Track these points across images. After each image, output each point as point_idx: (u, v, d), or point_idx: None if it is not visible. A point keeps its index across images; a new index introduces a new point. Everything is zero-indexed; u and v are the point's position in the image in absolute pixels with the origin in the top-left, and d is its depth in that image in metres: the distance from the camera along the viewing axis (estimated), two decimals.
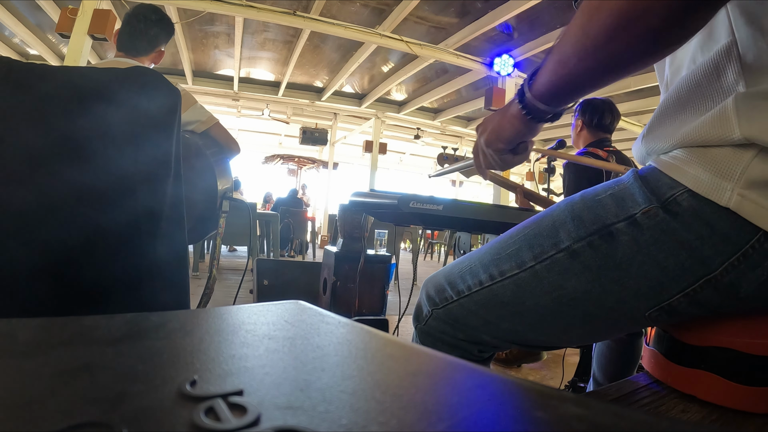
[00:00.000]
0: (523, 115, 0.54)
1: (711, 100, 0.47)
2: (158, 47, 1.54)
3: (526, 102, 0.53)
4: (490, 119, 0.62)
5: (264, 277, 2.23)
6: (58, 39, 5.89)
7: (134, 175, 0.68)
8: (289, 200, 7.01)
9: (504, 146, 0.60)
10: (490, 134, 0.61)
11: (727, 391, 0.48)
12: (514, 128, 0.57)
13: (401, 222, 1.11)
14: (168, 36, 1.56)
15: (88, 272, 0.68)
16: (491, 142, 0.61)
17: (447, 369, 0.25)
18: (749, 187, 0.42)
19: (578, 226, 0.52)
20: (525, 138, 0.59)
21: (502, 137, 0.59)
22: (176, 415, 0.17)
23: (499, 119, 0.59)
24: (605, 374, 1.18)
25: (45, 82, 0.68)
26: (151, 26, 1.49)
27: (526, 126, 0.56)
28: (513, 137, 0.58)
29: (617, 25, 0.40)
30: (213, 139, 1.40)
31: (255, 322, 0.31)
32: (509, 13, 4.67)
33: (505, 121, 0.58)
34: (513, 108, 0.56)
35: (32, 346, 0.25)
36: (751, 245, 0.43)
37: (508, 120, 0.57)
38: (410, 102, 8.32)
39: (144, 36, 1.49)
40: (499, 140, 0.60)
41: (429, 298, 0.66)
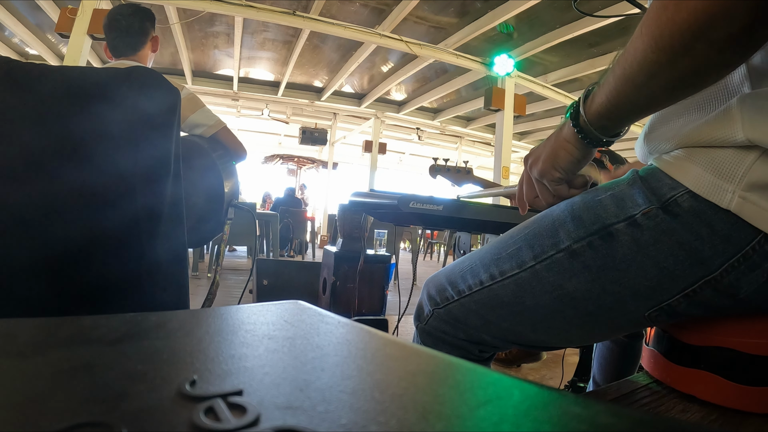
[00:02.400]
0: (578, 139, 0.50)
1: (715, 101, 0.47)
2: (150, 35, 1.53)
3: (581, 125, 0.49)
4: (541, 147, 0.57)
5: (264, 277, 2.23)
6: (57, 39, 5.89)
7: (134, 175, 0.68)
8: (287, 200, 7.00)
9: (561, 175, 0.55)
10: (544, 163, 0.55)
11: (726, 391, 0.48)
12: (570, 154, 0.53)
13: (401, 222, 1.11)
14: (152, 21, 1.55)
15: (87, 272, 0.68)
16: (546, 171, 0.55)
17: (447, 369, 0.25)
18: (750, 189, 0.42)
19: (578, 227, 0.52)
20: (582, 164, 0.54)
21: (558, 165, 0.54)
22: (176, 415, 0.17)
23: (552, 146, 0.54)
24: (605, 375, 1.18)
25: (44, 81, 0.68)
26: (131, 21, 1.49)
27: (582, 151, 0.52)
28: (570, 164, 0.54)
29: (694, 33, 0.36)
30: (221, 143, 1.40)
31: (254, 322, 0.31)
32: (509, 13, 4.67)
33: (559, 146, 0.53)
34: (566, 131, 0.52)
35: (32, 346, 0.25)
36: (752, 247, 0.43)
37: (561, 145, 0.53)
38: (410, 102, 8.32)
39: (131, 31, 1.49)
40: (555, 168, 0.55)
41: (430, 297, 0.66)
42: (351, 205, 1.11)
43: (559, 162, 0.54)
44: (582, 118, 0.49)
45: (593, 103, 0.48)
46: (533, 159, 0.58)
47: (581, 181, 0.57)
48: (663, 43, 0.38)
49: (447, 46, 5.67)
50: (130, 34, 1.49)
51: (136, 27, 1.49)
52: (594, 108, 0.48)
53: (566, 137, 0.52)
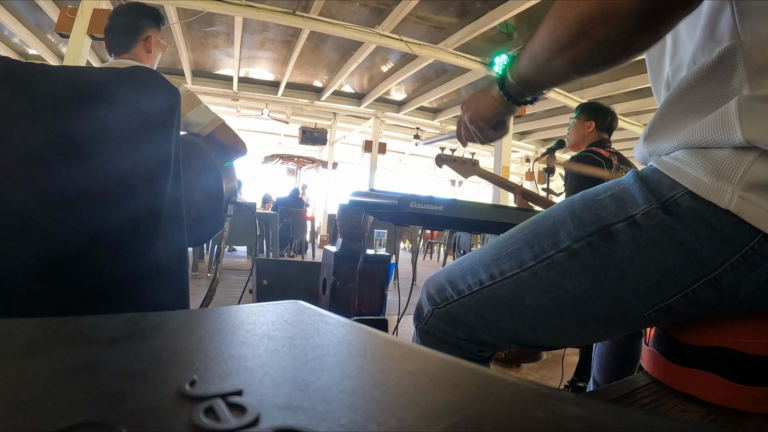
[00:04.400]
0: (502, 98, 0.60)
1: (713, 102, 0.47)
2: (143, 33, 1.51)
3: (506, 86, 0.59)
4: (473, 98, 0.68)
5: (263, 277, 2.23)
6: (57, 39, 5.89)
7: (133, 175, 0.67)
8: (290, 200, 7.01)
9: (485, 124, 0.67)
10: (473, 113, 0.67)
11: (726, 391, 0.48)
12: (494, 109, 0.64)
13: (401, 222, 1.11)
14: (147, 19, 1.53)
15: (87, 272, 0.67)
16: (473, 120, 0.68)
17: (446, 369, 0.25)
18: (749, 190, 0.42)
19: (578, 226, 0.52)
20: (504, 117, 0.66)
21: (483, 116, 0.66)
22: (176, 415, 0.17)
23: (481, 99, 0.65)
24: (605, 375, 1.18)
25: (44, 81, 0.67)
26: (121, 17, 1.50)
27: (505, 107, 0.62)
28: (493, 117, 0.65)
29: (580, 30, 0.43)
30: (218, 141, 1.39)
31: (254, 322, 0.31)
32: (509, 13, 4.67)
33: (486, 102, 0.64)
34: (494, 90, 0.62)
35: (32, 346, 0.25)
36: (751, 247, 0.43)
37: (489, 101, 0.64)
38: (410, 102, 8.32)
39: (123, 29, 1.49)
40: (480, 119, 0.67)
41: (430, 297, 0.66)
42: (351, 205, 1.11)
43: (485, 114, 0.66)
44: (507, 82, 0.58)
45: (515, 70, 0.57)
46: (466, 107, 0.69)
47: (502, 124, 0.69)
48: (557, 36, 0.46)
49: (447, 46, 5.67)
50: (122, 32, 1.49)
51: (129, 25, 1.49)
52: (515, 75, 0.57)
53: (494, 95, 0.62)
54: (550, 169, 2.24)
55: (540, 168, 2.36)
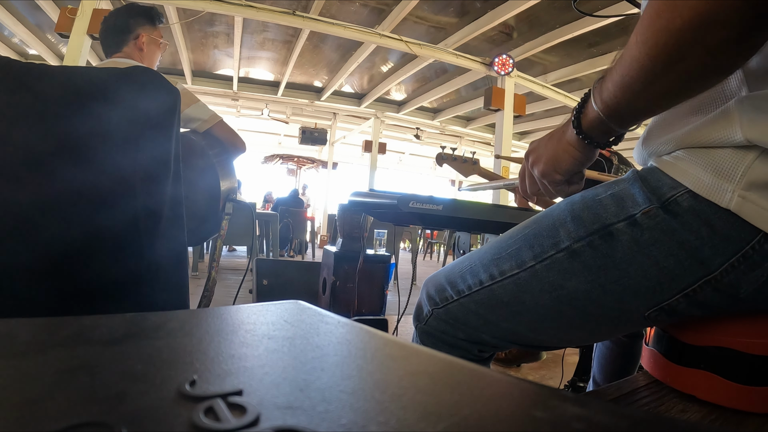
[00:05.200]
0: (582, 143, 0.51)
1: (713, 103, 0.47)
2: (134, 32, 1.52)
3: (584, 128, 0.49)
4: (543, 146, 0.57)
5: (263, 277, 2.23)
6: (57, 39, 5.89)
7: (134, 175, 0.67)
8: (290, 200, 7.01)
9: (562, 177, 0.55)
10: (546, 165, 0.55)
11: (726, 391, 0.48)
12: (573, 158, 0.53)
13: (401, 222, 1.11)
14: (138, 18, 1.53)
15: (87, 272, 0.67)
16: (548, 173, 0.56)
17: (446, 369, 0.25)
18: (750, 189, 0.42)
19: (578, 226, 0.52)
20: (584, 165, 0.54)
21: (560, 168, 0.54)
22: (176, 415, 0.17)
23: (554, 147, 0.54)
24: (605, 375, 1.18)
25: (44, 81, 0.67)
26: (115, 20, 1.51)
27: (585, 154, 0.52)
28: (571, 167, 0.54)
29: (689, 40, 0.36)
30: (216, 138, 1.38)
31: (254, 322, 0.31)
32: (509, 13, 4.67)
33: (561, 149, 0.53)
34: (569, 135, 0.52)
35: (32, 346, 0.25)
36: (752, 246, 0.43)
37: (564, 149, 0.53)
38: (410, 102, 8.32)
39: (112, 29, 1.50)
40: (556, 171, 0.55)
41: (429, 297, 0.66)
42: (351, 205, 1.11)
43: (561, 165, 0.54)
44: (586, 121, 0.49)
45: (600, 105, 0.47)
46: (534, 158, 0.57)
47: (579, 177, 0.57)
48: (658, 51, 0.38)
49: (447, 46, 5.67)
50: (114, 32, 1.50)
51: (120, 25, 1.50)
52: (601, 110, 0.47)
53: (570, 141, 0.52)
54: None
55: None
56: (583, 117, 0.50)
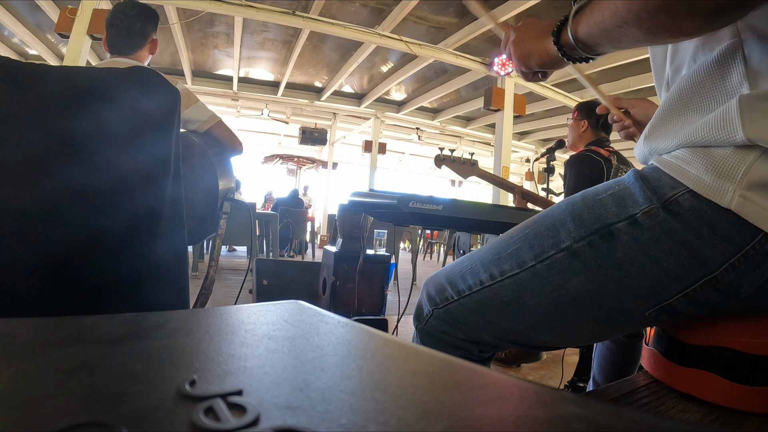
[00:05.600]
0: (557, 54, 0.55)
1: (714, 101, 0.47)
2: (149, 37, 1.52)
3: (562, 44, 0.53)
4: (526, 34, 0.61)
5: (263, 277, 2.23)
6: (57, 39, 5.89)
7: (134, 175, 0.67)
8: (290, 200, 7.01)
9: (527, 70, 0.62)
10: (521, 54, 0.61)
11: (726, 391, 0.48)
12: (543, 60, 0.58)
13: (401, 222, 1.11)
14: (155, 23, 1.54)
15: (87, 272, 0.67)
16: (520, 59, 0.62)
17: (446, 369, 0.25)
18: (751, 189, 0.42)
19: (579, 226, 0.52)
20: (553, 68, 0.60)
21: (529, 63, 0.60)
22: (176, 415, 0.17)
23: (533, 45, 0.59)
24: (605, 375, 1.18)
25: (44, 81, 0.67)
26: (134, 21, 1.48)
27: (557, 62, 0.57)
28: (539, 66, 0.60)
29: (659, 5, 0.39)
30: (215, 138, 1.39)
31: (254, 322, 0.31)
32: (509, 13, 4.67)
33: (537, 50, 0.58)
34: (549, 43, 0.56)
35: (32, 346, 0.25)
36: (752, 246, 0.43)
37: (540, 51, 0.58)
38: (409, 102, 8.32)
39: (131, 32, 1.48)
40: (525, 64, 0.61)
41: (430, 297, 0.66)
42: (351, 205, 1.11)
43: (530, 62, 0.60)
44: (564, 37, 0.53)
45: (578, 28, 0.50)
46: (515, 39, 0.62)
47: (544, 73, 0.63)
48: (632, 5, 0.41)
49: (447, 46, 5.67)
50: (130, 34, 1.48)
51: (137, 28, 1.48)
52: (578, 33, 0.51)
53: (547, 46, 0.56)
54: (549, 169, 2.24)
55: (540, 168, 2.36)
56: (562, 33, 0.53)
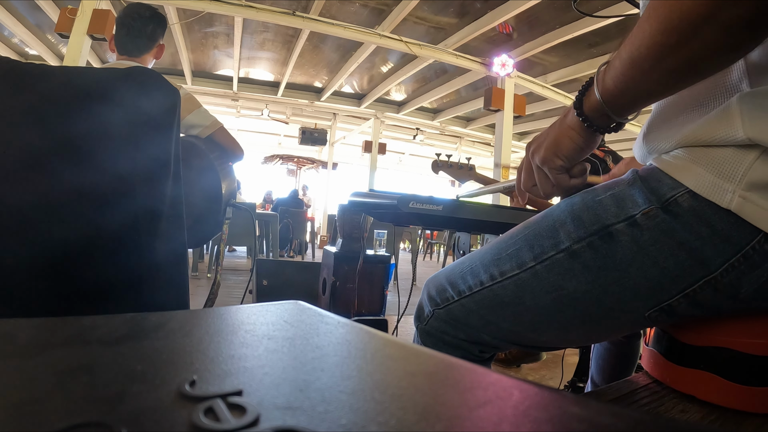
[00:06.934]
0: (582, 126, 0.50)
1: (714, 99, 0.47)
2: (158, 42, 1.54)
3: (586, 113, 0.49)
4: (544, 134, 0.55)
5: (263, 277, 2.23)
6: (57, 39, 5.89)
7: (133, 175, 0.67)
8: (290, 201, 7.01)
9: (563, 163, 0.53)
10: (546, 150, 0.54)
11: (726, 391, 0.48)
12: (573, 141, 0.51)
13: (400, 222, 1.10)
14: (164, 29, 1.56)
15: (87, 272, 0.67)
16: (548, 159, 0.54)
17: (446, 369, 0.25)
18: (751, 189, 0.42)
19: (578, 227, 0.52)
20: (585, 153, 0.53)
21: (560, 153, 0.53)
22: (175, 415, 0.17)
23: (555, 134, 0.53)
24: (603, 375, 1.18)
25: (44, 82, 0.67)
26: (146, 23, 1.49)
27: (586, 138, 0.51)
28: (573, 152, 0.52)
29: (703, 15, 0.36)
30: (217, 143, 1.40)
31: (254, 323, 0.31)
32: (509, 13, 4.67)
33: (562, 133, 0.52)
34: (570, 119, 0.51)
35: (32, 346, 0.25)
36: (752, 246, 0.43)
37: (565, 133, 0.52)
38: (409, 102, 8.32)
39: (142, 34, 1.49)
40: (557, 156, 0.53)
41: (430, 298, 0.66)
42: (350, 206, 1.11)
43: (561, 150, 0.53)
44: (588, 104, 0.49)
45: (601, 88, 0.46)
46: (536, 146, 0.56)
47: (580, 169, 0.56)
48: (671, 26, 0.38)
49: (447, 47, 5.67)
50: (140, 36, 1.49)
51: (148, 31, 1.49)
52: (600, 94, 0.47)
53: (570, 124, 0.51)
54: None
55: None
56: (585, 100, 0.49)
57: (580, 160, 0.54)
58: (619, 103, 0.46)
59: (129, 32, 1.48)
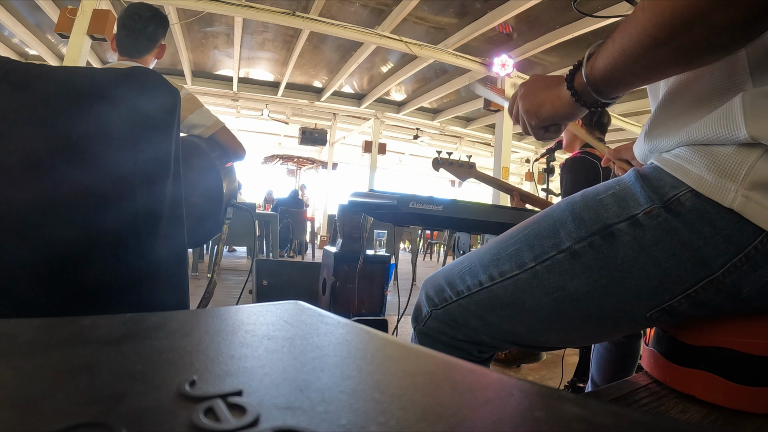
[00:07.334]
0: (570, 99, 0.52)
1: (716, 98, 0.46)
2: (159, 42, 1.54)
3: (576, 88, 0.51)
4: (537, 87, 0.59)
5: (263, 277, 2.23)
6: (57, 39, 5.89)
7: (133, 175, 0.67)
8: (290, 201, 7.02)
9: (538, 123, 0.59)
10: (530, 105, 0.58)
11: (726, 391, 0.48)
12: (555, 110, 0.55)
13: (400, 222, 1.11)
14: (165, 29, 1.55)
15: (87, 272, 0.67)
16: (529, 113, 0.59)
17: (446, 369, 0.25)
18: (753, 188, 0.42)
19: (579, 226, 0.51)
20: (564, 120, 0.57)
21: (540, 114, 0.57)
22: (175, 416, 0.17)
23: (545, 94, 0.57)
24: (603, 375, 1.18)
25: (44, 82, 0.67)
26: (147, 23, 1.49)
27: (570, 110, 0.54)
28: (551, 117, 0.57)
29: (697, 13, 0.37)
30: (218, 143, 1.40)
31: (254, 323, 0.31)
32: (508, 14, 4.67)
33: (549, 99, 0.56)
34: (561, 90, 0.53)
35: (32, 346, 0.25)
36: (754, 246, 0.43)
37: (552, 99, 0.55)
38: (409, 102, 8.32)
39: (143, 35, 1.49)
40: (536, 116, 0.58)
41: (428, 298, 0.65)
42: (350, 206, 1.11)
43: (541, 113, 0.57)
44: (578, 80, 0.51)
45: (592, 69, 0.49)
46: (524, 92, 0.60)
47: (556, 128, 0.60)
48: (664, 21, 0.39)
49: (447, 47, 5.67)
50: (141, 37, 1.48)
51: (149, 32, 1.49)
52: (591, 74, 0.49)
53: (559, 93, 0.54)
54: (549, 169, 2.24)
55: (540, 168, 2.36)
56: (576, 76, 0.51)
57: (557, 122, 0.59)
58: (610, 84, 0.48)
59: (129, 33, 1.48)
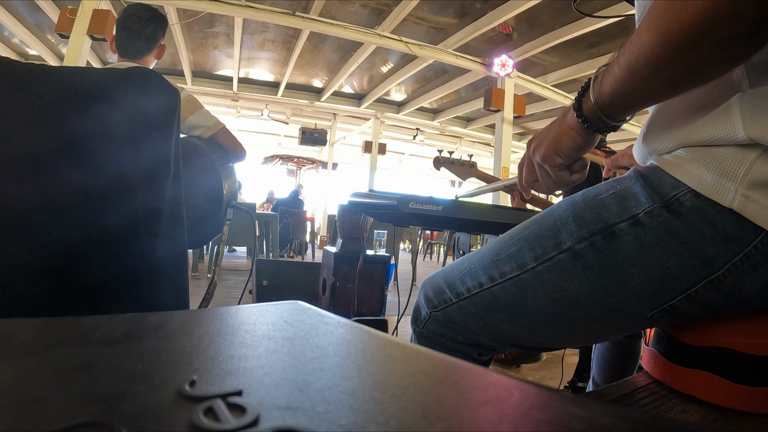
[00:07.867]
0: (581, 126, 0.51)
1: (714, 100, 0.46)
2: (158, 43, 1.54)
3: (585, 114, 0.50)
4: (543, 133, 0.57)
5: (263, 277, 2.23)
6: (57, 39, 5.89)
7: (133, 175, 0.67)
8: (290, 201, 7.02)
9: (563, 161, 0.55)
10: (547, 148, 0.56)
11: (726, 392, 0.48)
12: (572, 140, 0.53)
13: (400, 222, 1.11)
14: (164, 29, 1.55)
15: (87, 272, 0.67)
16: (548, 157, 0.56)
17: (446, 369, 0.25)
18: (752, 188, 0.42)
19: (580, 226, 0.51)
20: (585, 150, 0.55)
21: (560, 151, 0.55)
22: (175, 416, 0.17)
23: (555, 132, 0.55)
24: (604, 375, 1.18)
25: (44, 81, 0.67)
26: (146, 24, 1.48)
27: (585, 138, 0.52)
28: (572, 150, 0.54)
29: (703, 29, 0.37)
30: (219, 144, 1.40)
31: (254, 323, 0.31)
32: (508, 14, 4.67)
33: (562, 132, 0.54)
34: (570, 119, 0.53)
35: (32, 346, 0.25)
36: (754, 245, 0.43)
37: (565, 132, 0.54)
38: (409, 102, 8.32)
39: (142, 36, 1.48)
40: (557, 154, 0.55)
41: (427, 300, 0.65)
42: (350, 206, 1.11)
43: (561, 148, 0.55)
44: (587, 105, 0.50)
45: (600, 92, 0.48)
46: (536, 143, 0.58)
47: (581, 165, 0.57)
48: (670, 38, 0.39)
49: (447, 47, 5.67)
50: (140, 38, 1.48)
51: (148, 32, 1.49)
52: (598, 97, 0.48)
53: (570, 124, 0.53)
54: None
55: None
56: (584, 101, 0.50)
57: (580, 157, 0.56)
58: (617, 105, 0.47)
59: (129, 35, 1.48)
